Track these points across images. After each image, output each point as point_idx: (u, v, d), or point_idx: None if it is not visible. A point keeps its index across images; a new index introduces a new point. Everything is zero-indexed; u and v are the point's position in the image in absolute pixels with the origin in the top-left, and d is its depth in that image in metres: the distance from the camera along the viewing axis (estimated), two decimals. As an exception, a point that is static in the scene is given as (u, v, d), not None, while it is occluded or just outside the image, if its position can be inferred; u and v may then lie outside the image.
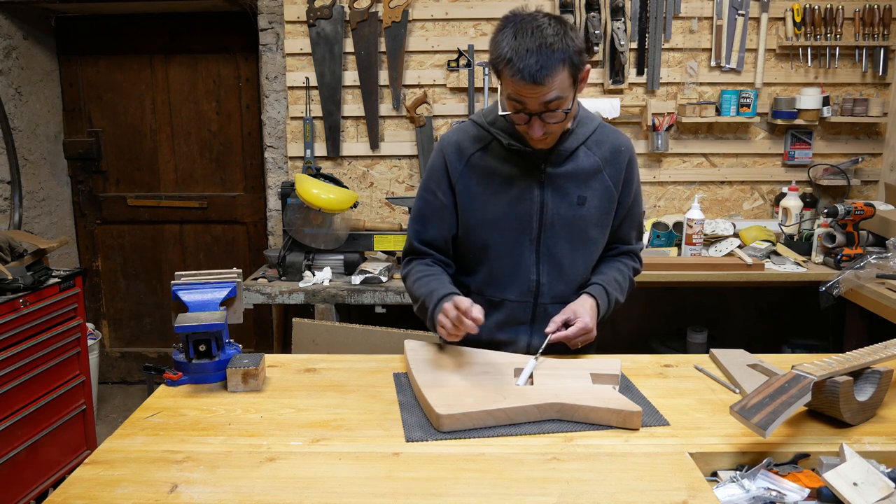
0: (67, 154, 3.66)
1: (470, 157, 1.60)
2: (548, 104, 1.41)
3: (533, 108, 1.42)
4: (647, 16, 3.17)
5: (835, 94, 3.24)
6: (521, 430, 1.27)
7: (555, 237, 1.60)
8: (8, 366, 2.36)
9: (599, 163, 1.60)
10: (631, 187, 1.66)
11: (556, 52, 1.36)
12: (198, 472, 1.13)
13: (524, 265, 1.61)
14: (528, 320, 1.64)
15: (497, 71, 1.44)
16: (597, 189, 1.60)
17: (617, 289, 1.66)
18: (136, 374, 3.91)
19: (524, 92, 1.40)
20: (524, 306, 1.63)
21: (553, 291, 1.62)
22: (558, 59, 1.37)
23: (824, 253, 2.84)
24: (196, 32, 3.54)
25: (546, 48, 1.36)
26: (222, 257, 3.78)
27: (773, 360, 1.57)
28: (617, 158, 1.62)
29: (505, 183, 1.58)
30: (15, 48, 3.32)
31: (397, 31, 3.16)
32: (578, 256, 1.63)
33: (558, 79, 1.38)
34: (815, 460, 1.16)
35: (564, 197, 1.58)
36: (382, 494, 1.07)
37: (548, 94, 1.39)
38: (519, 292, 1.62)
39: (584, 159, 1.59)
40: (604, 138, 1.62)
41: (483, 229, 1.60)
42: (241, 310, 1.59)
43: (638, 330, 3.50)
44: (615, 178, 1.62)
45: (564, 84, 1.40)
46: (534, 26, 1.38)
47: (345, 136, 3.31)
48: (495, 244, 1.60)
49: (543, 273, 1.61)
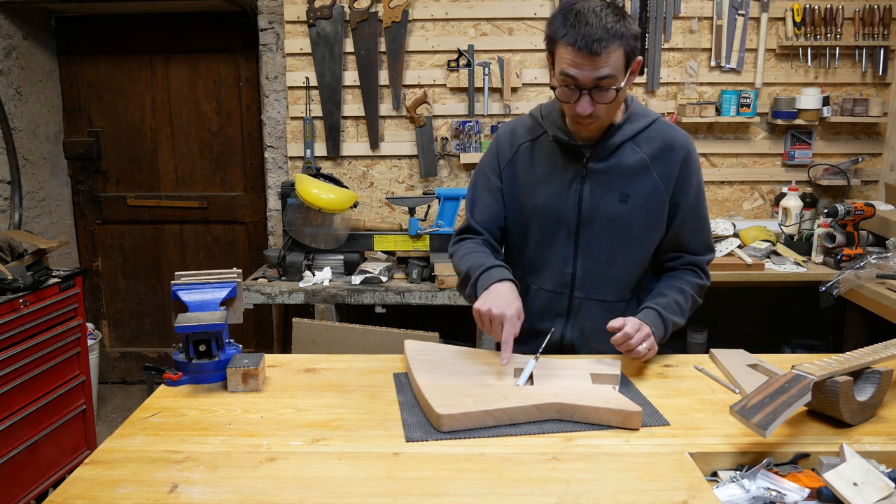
0: (67, 154, 3.67)
1: (520, 146, 1.64)
2: (600, 80, 1.41)
3: (585, 83, 1.42)
4: (647, 16, 3.17)
5: (835, 94, 3.24)
6: (521, 430, 1.27)
7: (594, 233, 1.58)
8: (8, 366, 2.36)
9: (647, 160, 1.56)
10: (689, 187, 1.60)
11: (613, 30, 1.38)
12: (198, 472, 1.13)
13: (560, 257, 1.61)
14: (563, 312, 1.64)
15: (552, 46, 1.45)
16: (643, 187, 1.56)
17: (677, 312, 1.58)
18: (136, 374, 3.91)
19: (579, 62, 1.40)
20: (559, 297, 1.63)
21: (589, 286, 1.61)
22: (614, 34, 1.38)
23: (824, 253, 2.84)
24: (196, 32, 3.54)
25: (605, 25, 1.38)
26: (222, 257, 3.78)
27: (773, 360, 1.57)
28: (669, 156, 1.57)
29: (548, 174, 1.60)
30: (15, 48, 3.32)
31: (397, 31, 3.16)
32: (620, 255, 1.60)
33: (614, 56, 1.39)
34: (815, 460, 1.16)
35: (606, 193, 1.56)
36: (382, 494, 1.07)
37: (602, 68, 1.39)
38: (554, 283, 1.63)
39: (629, 155, 1.56)
40: (656, 135, 1.58)
41: (523, 218, 1.64)
42: (241, 310, 1.59)
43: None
44: (666, 176, 1.57)
45: (618, 64, 1.41)
46: (593, 7, 1.40)
47: (345, 136, 3.31)
48: (533, 233, 1.63)
49: (579, 267, 1.60)
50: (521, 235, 1.66)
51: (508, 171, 1.65)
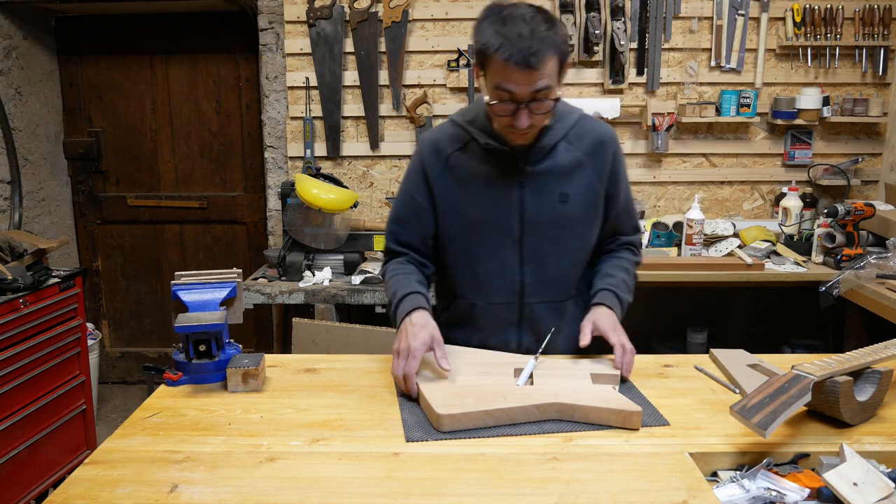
0: (67, 154, 3.67)
1: (448, 157, 1.57)
2: (537, 93, 1.37)
3: (522, 97, 1.38)
4: (647, 16, 3.17)
5: (835, 94, 3.24)
6: (521, 430, 1.27)
7: (538, 237, 1.56)
8: (8, 366, 2.36)
9: (581, 157, 1.55)
10: (619, 179, 1.61)
11: (547, 39, 1.34)
12: (198, 472, 1.13)
13: (507, 267, 1.57)
14: (515, 322, 1.61)
15: (484, 59, 1.39)
16: (580, 185, 1.55)
17: (626, 290, 1.62)
18: (136, 374, 3.91)
19: (515, 78, 1.35)
20: (510, 308, 1.60)
21: (539, 291, 1.59)
22: (549, 45, 1.34)
23: (824, 253, 2.84)
24: (196, 32, 3.54)
25: (538, 33, 1.33)
26: (222, 257, 3.78)
27: (773, 360, 1.57)
28: (600, 152, 1.57)
29: (483, 184, 1.54)
30: (15, 48, 3.32)
31: (397, 31, 3.16)
32: (564, 255, 1.59)
33: (549, 65, 1.35)
34: (815, 460, 1.16)
35: (546, 195, 1.54)
36: (382, 494, 1.07)
37: (539, 80, 1.36)
38: (504, 294, 1.59)
39: (564, 155, 1.54)
40: (585, 131, 1.56)
41: (464, 232, 1.58)
42: (241, 310, 1.59)
43: (638, 330, 3.48)
44: (600, 171, 1.57)
45: (553, 72, 1.38)
46: (522, 14, 1.36)
47: (345, 136, 3.31)
48: (477, 246, 1.57)
49: (528, 273, 1.58)
50: (463, 250, 1.60)
51: (441, 185, 1.57)
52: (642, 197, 3.35)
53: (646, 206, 3.34)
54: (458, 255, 1.61)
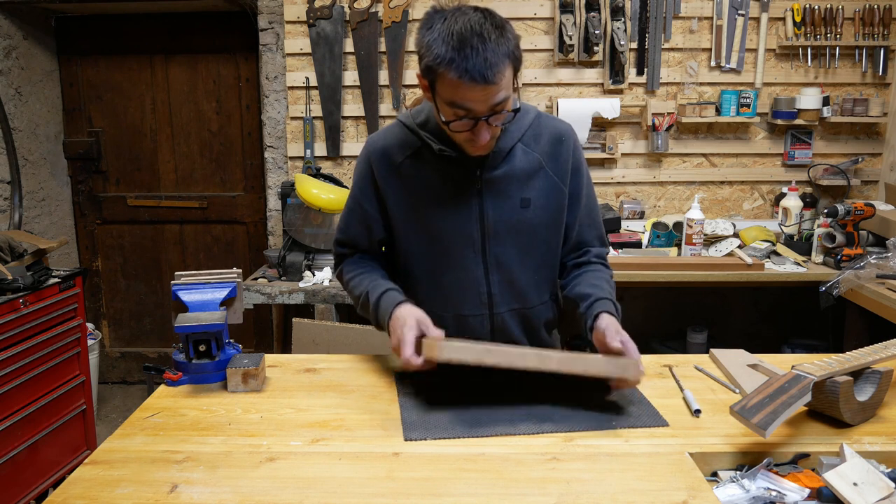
0: (67, 154, 3.67)
1: (399, 166, 1.47)
2: (496, 106, 1.29)
3: (480, 112, 1.29)
4: (647, 16, 3.17)
5: (835, 94, 3.24)
6: (521, 430, 1.27)
7: (501, 245, 1.49)
8: (8, 366, 2.36)
9: (540, 158, 1.48)
10: (580, 176, 1.54)
11: (500, 47, 1.24)
12: (198, 472, 1.13)
13: (473, 278, 1.50)
14: (488, 332, 1.55)
15: (433, 75, 1.29)
16: (541, 188, 1.48)
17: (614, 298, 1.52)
18: (136, 374, 3.91)
19: (471, 95, 1.26)
20: (481, 319, 1.54)
21: (507, 299, 1.53)
22: (503, 54, 1.25)
23: (824, 253, 2.84)
24: (196, 32, 3.54)
25: (490, 43, 1.23)
26: (222, 257, 3.78)
27: (773, 360, 1.57)
28: (559, 150, 1.50)
29: (439, 193, 1.46)
30: (15, 48, 3.32)
31: (397, 31, 3.16)
32: (530, 261, 1.53)
33: (506, 76, 1.27)
34: (815, 460, 1.16)
35: (506, 201, 1.46)
36: (382, 494, 1.07)
37: (497, 94, 1.27)
38: (472, 306, 1.53)
39: (521, 157, 1.47)
40: (541, 130, 1.50)
41: (423, 244, 1.51)
42: (241, 310, 1.59)
43: (638, 330, 3.48)
44: (560, 171, 1.50)
45: (509, 82, 1.29)
46: (469, 21, 1.25)
47: (345, 136, 3.31)
48: (439, 258, 1.51)
49: (494, 283, 1.51)
50: (427, 263, 1.53)
51: (393, 196, 1.49)
52: (642, 197, 3.35)
53: (646, 206, 3.34)
54: (420, 268, 1.54)
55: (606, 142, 3.24)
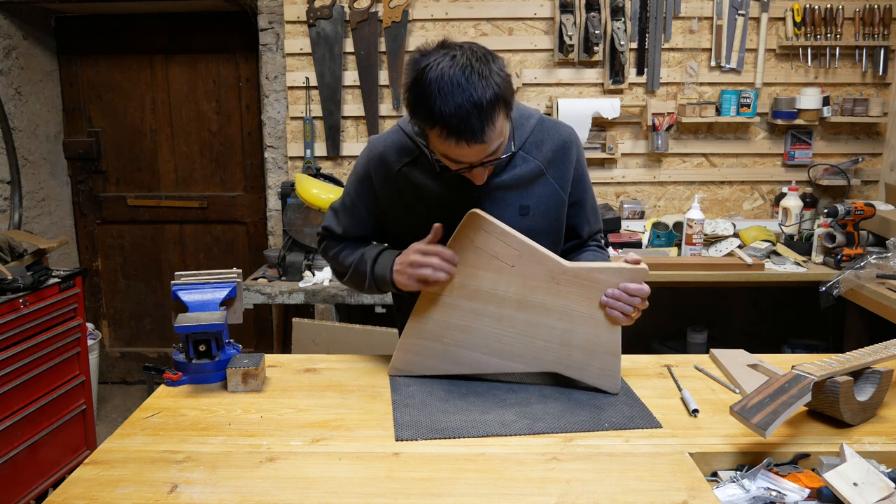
0: (67, 154, 3.67)
1: (397, 172, 1.46)
2: (489, 155, 1.28)
3: (474, 163, 1.28)
4: (647, 16, 3.17)
5: (835, 94, 3.24)
6: (521, 429, 1.27)
7: None
8: (8, 366, 2.36)
9: (541, 166, 1.46)
10: (584, 183, 1.54)
11: (488, 97, 1.19)
12: (198, 472, 1.13)
13: None
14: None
15: (422, 129, 1.28)
16: (541, 194, 1.47)
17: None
18: (136, 374, 3.91)
19: (464, 153, 1.24)
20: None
21: None
22: (493, 103, 1.20)
23: (824, 253, 2.84)
24: (196, 32, 3.54)
25: (480, 97, 1.18)
26: (222, 257, 3.78)
27: (773, 360, 1.57)
28: (562, 157, 1.48)
29: (437, 201, 1.45)
30: (15, 48, 3.32)
31: (397, 31, 3.16)
32: None
33: (498, 125, 1.23)
34: (815, 460, 1.17)
35: (504, 210, 1.44)
36: (382, 494, 1.07)
37: (490, 147, 1.25)
38: None
39: (521, 166, 1.45)
40: (543, 137, 1.48)
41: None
42: (241, 310, 1.59)
43: (638, 330, 3.48)
44: (562, 178, 1.49)
45: (503, 125, 1.26)
46: (453, 73, 1.19)
47: (345, 136, 3.31)
48: None
49: None
50: None
51: (391, 201, 1.49)
52: (642, 197, 3.35)
53: (646, 206, 3.34)
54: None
55: (606, 142, 3.24)
